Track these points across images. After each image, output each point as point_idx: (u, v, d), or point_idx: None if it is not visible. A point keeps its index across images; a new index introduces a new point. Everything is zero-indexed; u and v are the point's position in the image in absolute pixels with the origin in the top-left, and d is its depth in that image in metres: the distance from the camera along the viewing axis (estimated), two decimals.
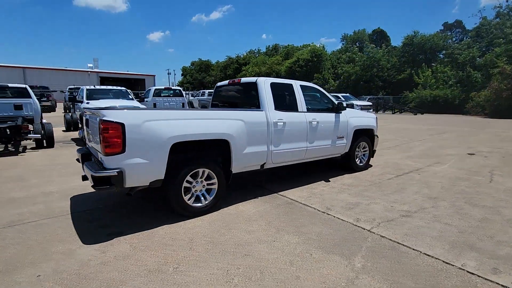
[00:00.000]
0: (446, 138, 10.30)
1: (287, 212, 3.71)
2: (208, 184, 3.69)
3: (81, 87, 10.95)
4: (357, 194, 4.39)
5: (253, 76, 46.56)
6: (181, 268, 2.51)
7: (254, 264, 2.55)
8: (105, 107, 3.66)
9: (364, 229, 3.23)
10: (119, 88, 11.12)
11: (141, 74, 46.44)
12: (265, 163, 4.25)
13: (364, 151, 5.93)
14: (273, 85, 4.46)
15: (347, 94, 21.71)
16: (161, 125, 3.19)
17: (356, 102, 19.13)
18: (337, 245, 2.88)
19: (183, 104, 14.18)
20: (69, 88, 20.41)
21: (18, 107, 9.61)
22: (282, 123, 4.32)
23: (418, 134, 11.44)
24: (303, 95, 4.88)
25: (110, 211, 3.83)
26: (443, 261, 2.58)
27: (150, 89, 13.87)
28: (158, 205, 3.98)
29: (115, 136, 2.92)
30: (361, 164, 5.87)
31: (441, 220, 3.45)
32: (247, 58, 56.70)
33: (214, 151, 3.76)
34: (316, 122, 4.82)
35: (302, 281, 2.32)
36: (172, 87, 14.30)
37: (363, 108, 18.79)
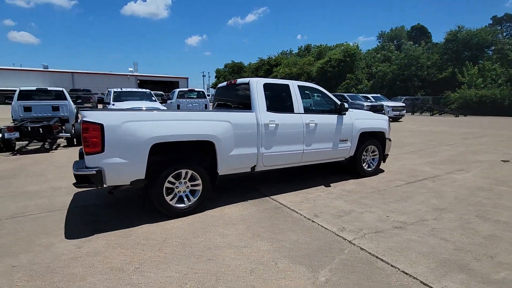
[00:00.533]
0: (483, 142, 9.31)
1: (270, 217, 3.58)
2: (192, 185, 3.69)
3: (109, 89, 11.69)
4: (354, 201, 4.11)
5: (283, 77, 46.39)
6: (141, 268, 2.52)
7: (213, 270, 2.48)
8: (110, 109, 3.83)
9: (345, 239, 3.00)
10: (143, 90, 11.69)
11: (175, 76, 48.50)
12: (255, 165, 4.16)
13: (373, 156, 5.55)
14: (266, 86, 4.35)
15: (378, 95, 20.57)
16: (141, 126, 3.26)
17: (387, 103, 18.03)
18: (308, 256, 2.70)
19: (205, 105, 14.50)
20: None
21: (56, 108, 10.55)
22: (274, 125, 4.20)
23: (451, 137, 10.49)
24: (302, 96, 4.70)
25: (105, 208, 4.00)
26: (421, 282, 2.30)
27: (174, 91, 14.39)
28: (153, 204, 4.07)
29: (94, 136, 3.04)
30: (370, 169, 5.50)
31: (439, 234, 3.09)
32: (278, 59, 56.48)
33: (199, 153, 3.75)
34: (314, 124, 4.60)
35: None
36: (196, 89, 14.71)
37: (394, 109, 17.67)
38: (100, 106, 12.23)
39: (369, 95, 19.72)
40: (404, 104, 19.15)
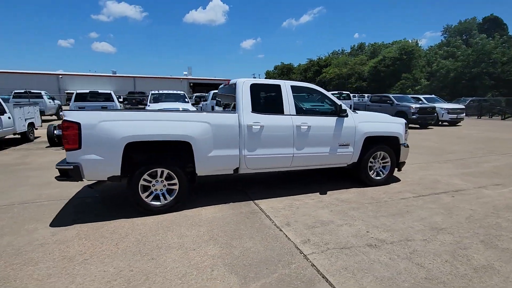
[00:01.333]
0: None
1: (239, 222, 3.47)
2: (169, 185, 3.77)
3: (150, 92, 12.65)
4: (340, 212, 3.75)
5: (332, 78, 44.65)
6: (89, 260, 2.66)
7: (148, 269, 2.50)
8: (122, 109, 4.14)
9: (302, 253, 2.75)
10: (178, 92, 12.39)
11: (224, 79, 50.07)
12: (238, 167, 4.07)
13: (384, 163, 4.99)
14: (254, 87, 4.23)
15: (432, 96, 18.35)
16: (116, 126, 3.44)
17: (441, 105, 15.98)
18: (250, 266, 2.54)
19: None
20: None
21: (105, 108, 11.81)
22: (258, 127, 4.06)
23: (509, 146, 8.90)
24: (295, 96, 4.47)
25: (101, 201, 4.30)
26: None
27: (210, 93, 14.90)
28: None
29: (72, 134, 3.31)
30: (379, 178, 4.96)
31: (417, 258, 2.64)
32: (328, 59, 54.65)
33: (176, 152, 3.81)
34: (307, 127, 4.33)
35: None
36: None
37: (450, 112, 15.60)
38: (140, 106, 13.28)
39: (421, 96, 17.80)
40: (462, 107, 16.80)
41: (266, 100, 4.40)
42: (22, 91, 16.99)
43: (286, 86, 4.43)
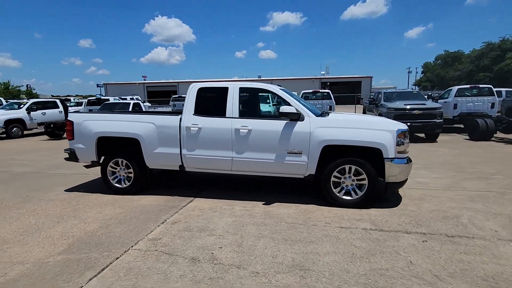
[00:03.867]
0: None
1: (150, 211, 3.91)
2: (128, 173, 4.68)
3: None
4: (239, 225, 3.47)
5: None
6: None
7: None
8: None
9: (135, 244, 2.96)
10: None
11: (358, 76, 46.47)
12: (181, 165, 4.46)
13: (359, 181, 3.93)
14: (202, 90, 4.45)
15: None
16: (92, 124, 4.65)
17: None
18: (106, 241, 3.04)
19: (330, 107, 13.94)
20: None
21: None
22: (196, 129, 4.28)
23: None
24: (243, 99, 4.33)
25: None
26: None
27: (301, 92, 14.82)
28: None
29: (69, 129, 4.77)
30: (349, 198, 3.97)
31: None
32: None
33: (130, 147, 4.61)
34: (247, 130, 4.12)
35: None
36: (320, 90, 14.32)
37: None
38: None
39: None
40: None
41: (211, 103, 4.48)
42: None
43: (234, 88, 4.35)
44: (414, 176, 5.17)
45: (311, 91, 14.63)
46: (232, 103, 4.29)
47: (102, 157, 4.75)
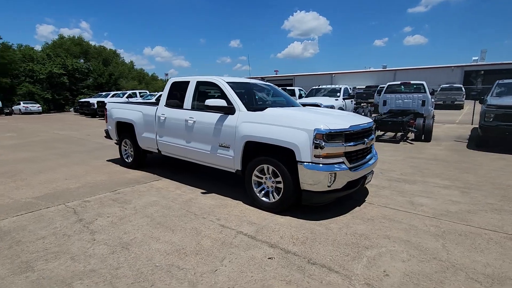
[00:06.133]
0: None
1: (123, 183, 4.87)
2: (131, 151, 5.85)
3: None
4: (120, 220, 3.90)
5: None
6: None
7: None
8: None
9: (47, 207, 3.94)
10: (334, 87, 12.18)
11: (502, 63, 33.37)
12: (157, 149, 5.21)
13: (278, 183, 3.54)
14: (174, 83, 5.02)
15: None
16: (114, 111, 6.04)
17: None
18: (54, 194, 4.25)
19: (423, 101, 11.38)
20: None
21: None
22: (163, 118, 4.90)
23: None
24: (198, 92, 4.59)
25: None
26: None
27: (388, 85, 12.49)
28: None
29: (105, 114, 6.36)
30: (267, 200, 3.65)
31: None
32: None
33: (131, 131, 5.69)
34: (192, 122, 4.40)
35: None
36: (412, 82, 11.52)
37: None
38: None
39: None
40: None
41: (177, 95, 4.90)
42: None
43: (192, 82, 4.67)
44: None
45: (399, 82, 12.24)
46: (188, 96, 4.64)
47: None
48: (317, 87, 13.00)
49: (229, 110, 3.98)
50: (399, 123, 9.16)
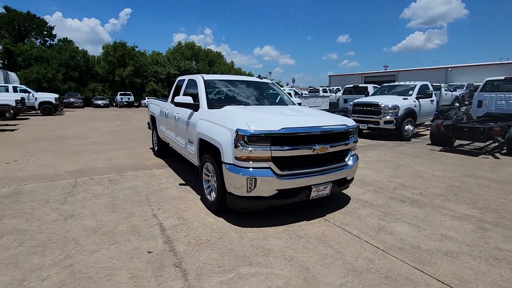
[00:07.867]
0: None
1: (140, 168, 5.69)
2: (156, 141, 6.67)
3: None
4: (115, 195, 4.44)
5: None
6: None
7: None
8: None
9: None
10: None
11: None
12: (164, 138, 5.82)
13: (215, 181, 3.47)
14: (178, 82, 5.45)
15: None
16: (150, 106, 7.00)
17: None
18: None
19: None
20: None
21: None
22: (167, 113, 5.42)
23: None
24: (188, 89, 4.87)
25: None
26: None
27: (483, 82, 9.45)
28: None
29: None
30: (210, 199, 3.61)
31: None
32: None
33: (155, 123, 6.47)
34: (178, 117, 4.73)
35: None
36: None
37: None
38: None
39: None
40: None
41: (178, 92, 5.26)
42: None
43: (186, 79, 5.00)
44: None
45: (502, 78, 9.17)
46: (181, 93, 4.98)
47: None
48: (389, 84, 11.28)
49: (194, 107, 4.11)
50: (478, 130, 7.09)
